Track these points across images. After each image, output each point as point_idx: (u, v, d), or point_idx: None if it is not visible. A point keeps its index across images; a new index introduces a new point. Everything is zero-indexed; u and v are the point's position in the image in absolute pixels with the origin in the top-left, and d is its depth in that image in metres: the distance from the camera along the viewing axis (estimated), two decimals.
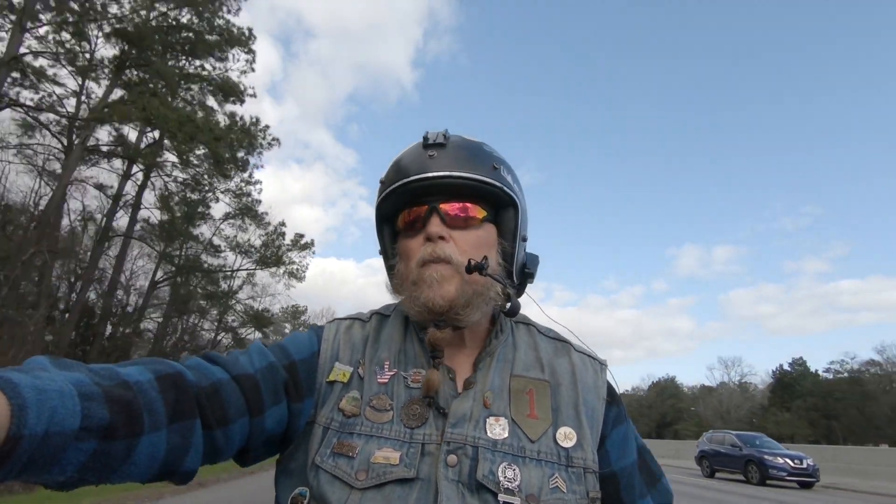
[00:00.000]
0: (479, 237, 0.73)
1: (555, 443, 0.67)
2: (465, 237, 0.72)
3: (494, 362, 0.73)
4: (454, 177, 0.71)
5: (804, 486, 13.60)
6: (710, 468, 16.28)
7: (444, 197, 0.73)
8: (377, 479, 0.60)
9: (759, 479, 13.94)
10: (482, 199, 0.74)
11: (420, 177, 0.71)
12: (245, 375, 0.63)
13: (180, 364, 0.59)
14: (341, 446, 0.64)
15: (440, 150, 0.73)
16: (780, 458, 13.74)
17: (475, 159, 0.73)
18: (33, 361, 0.48)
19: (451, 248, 0.70)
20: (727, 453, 15.61)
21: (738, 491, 12.20)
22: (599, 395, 0.74)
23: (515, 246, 0.77)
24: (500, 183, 0.73)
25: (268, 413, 0.64)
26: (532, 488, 0.62)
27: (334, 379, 0.70)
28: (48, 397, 0.42)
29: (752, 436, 16.01)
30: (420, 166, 0.72)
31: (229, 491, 9.84)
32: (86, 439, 0.45)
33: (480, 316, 0.72)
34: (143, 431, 0.50)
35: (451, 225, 0.72)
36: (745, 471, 14.66)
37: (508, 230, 0.76)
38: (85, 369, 0.50)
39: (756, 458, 14.27)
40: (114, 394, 0.48)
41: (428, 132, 0.75)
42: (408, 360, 0.73)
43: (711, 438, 16.91)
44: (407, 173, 0.72)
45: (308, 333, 0.76)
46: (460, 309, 0.69)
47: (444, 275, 0.69)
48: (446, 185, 0.71)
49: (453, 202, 0.73)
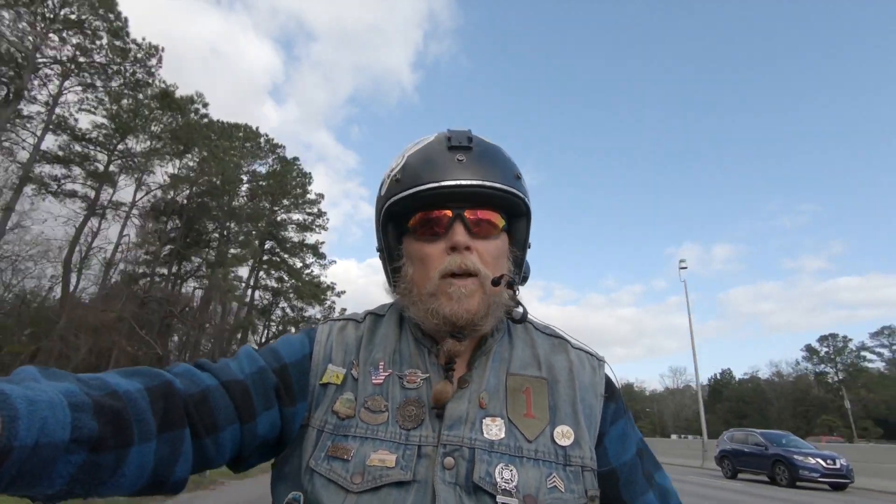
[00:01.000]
0: (498, 247, 0.72)
1: (552, 442, 0.66)
2: (487, 247, 0.71)
3: (490, 361, 0.72)
4: (489, 187, 0.69)
5: (837, 487, 12.96)
6: (733, 469, 15.51)
7: (469, 204, 0.71)
8: (373, 483, 0.60)
9: (789, 481, 13.30)
10: (501, 207, 0.73)
11: (454, 183, 0.69)
12: (234, 381, 0.62)
13: (169, 372, 0.59)
14: (336, 449, 0.63)
15: (467, 153, 0.71)
16: (811, 458, 13.08)
17: (502, 167, 0.72)
18: (23, 372, 0.47)
19: (476, 260, 0.69)
20: (752, 453, 14.91)
21: (769, 494, 11.69)
22: (597, 391, 0.72)
23: (524, 254, 0.76)
24: (523, 194, 0.73)
25: (259, 418, 0.63)
26: (530, 489, 0.61)
27: (327, 381, 0.69)
28: (39, 408, 0.41)
29: (777, 434, 15.30)
30: (450, 171, 0.69)
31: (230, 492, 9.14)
32: (75, 451, 0.44)
33: (494, 323, 0.71)
34: (132, 442, 0.49)
35: (474, 234, 0.70)
36: (772, 472, 13.97)
37: (520, 239, 0.76)
38: (74, 379, 0.49)
39: (785, 457, 13.61)
40: (103, 404, 0.47)
41: (451, 132, 0.73)
42: (403, 361, 0.72)
43: (733, 437, 16.15)
44: (435, 176, 0.69)
45: (300, 336, 0.75)
46: (479, 320, 0.68)
47: (471, 290, 0.68)
48: (474, 194, 0.70)
49: (477, 210, 0.71)
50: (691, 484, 13.40)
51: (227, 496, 8.77)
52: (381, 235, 0.77)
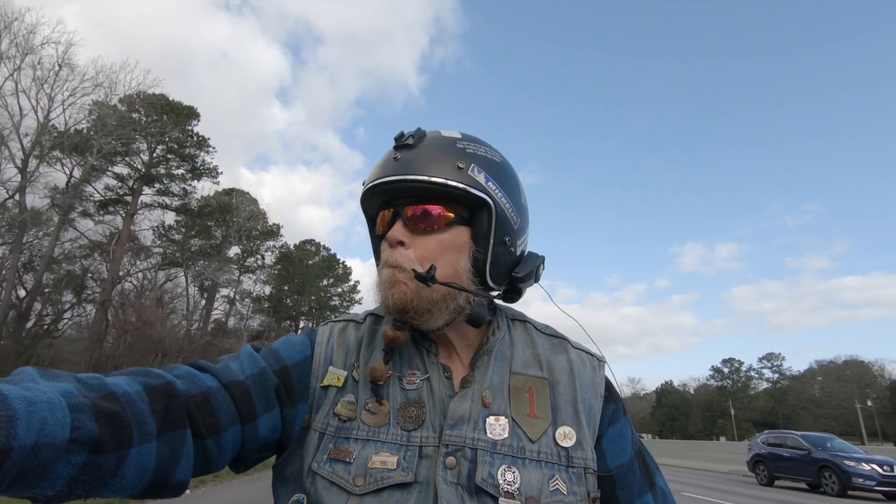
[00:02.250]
0: (443, 241, 0.71)
1: (555, 443, 0.65)
2: (425, 242, 0.70)
3: (493, 360, 0.72)
4: (407, 180, 0.69)
5: (893, 497, 11.45)
6: (769, 475, 14.22)
7: (410, 200, 0.71)
8: (375, 485, 0.60)
9: (840, 489, 12.17)
10: (452, 200, 0.71)
11: (378, 181, 0.70)
12: (235, 382, 0.62)
13: (170, 374, 0.59)
14: (338, 451, 0.63)
15: (406, 151, 0.71)
16: (865, 465, 11.89)
17: (439, 159, 0.71)
18: (22, 373, 0.48)
19: (403, 255, 0.69)
20: (792, 458, 13.76)
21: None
22: (597, 392, 0.72)
23: (488, 249, 0.72)
24: (463, 183, 0.69)
25: (260, 420, 0.63)
26: (532, 490, 0.60)
27: (328, 383, 0.69)
28: (38, 409, 0.41)
29: (820, 437, 14.05)
30: (385, 169, 0.71)
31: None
32: (76, 451, 0.44)
33: (445, 322, 0.70)
34: (132, 443, 0.49)
35: (413, 229, 0.70)
36: (817, 479, 12.73)
37: (480, 232, 0.73)
38: (73, 380, 0.49)
39: (833, 463, 12.49)
40: (101, 406, 0.47)
41: (402, 132, 0.73)
42: (402, 362, 0.71)
43: (768, 440, 14.82)
44: (373, 176, 0.72)
45: (302, 337, 0.75)
46: (416, 315, 0.68)
47: (398, 278, 0.68)
48: (410, 189, 0.70)
49: (417, 206, 0.71)
50: (730, 494, 12.02)
51: (223, 495, 8.74)
52: (371, 239, 0.80)
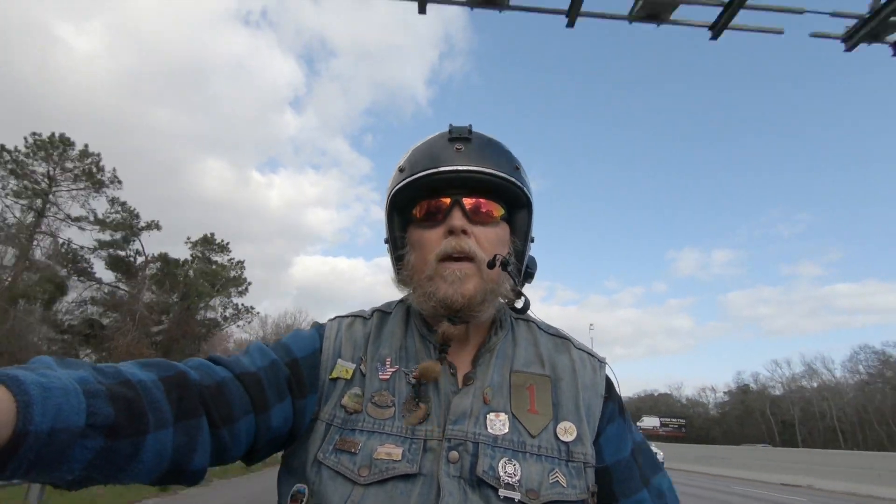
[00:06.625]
0: (497, 234, 0.74)
1: (555, 437, 0.67)
2: (485, 233, 0.73)
3: (494, 358, 0.74)
4: (485, 173, 0.71)
5: None
6: None
7: (467, 191, 0.73)
8: (380, 476, 0.61)
9: None
10: (500, 197, 0.75)
11: (450, 168, 0.71)
12: (248, 373, 0.63)
13: (182, 365, 0.59)
14: (344, 442, 0.64)
15: (466, 143, 0.73)
16: None
17: (500, 157, 0.74)
18: (38, 360, 0.48)
19: (473, 244, 0.70)
20: None
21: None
22: (598, 391, 0.74)
23: (526, 245, 0.77)
24: (521, 183, 0.74)
25: (273, 410, 0.64)
26: (532, 483, 0.62)
27: (337, 376, 0.70)
28: (53, 395, 0.42)
29: None
30: (448, 158, 0.72)
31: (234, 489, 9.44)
32: (92, 437, 0.45)
33: (493, 311, 0.73)
34: (148, 430, 0.49)
35: (473, 220, 0.72)
36: None
37: (521, 230, 0.77)
38: (89, 368, 0.50)
39: None
40: (117, 392, 0.48)
41: (452, 125, 0.75)
42: (409, 357, 0.73)
43: None
44: (434, 163, 0.72)
45: (310, 331, 0.76)
46: (476, 305, 0.69)
47: (467, 273, 0.69)
48: (470, 180, 0.71)
49: (475, 197, 0.73)
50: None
51: (221, 494, 8.79)
52: (389, 226, 0.78)
